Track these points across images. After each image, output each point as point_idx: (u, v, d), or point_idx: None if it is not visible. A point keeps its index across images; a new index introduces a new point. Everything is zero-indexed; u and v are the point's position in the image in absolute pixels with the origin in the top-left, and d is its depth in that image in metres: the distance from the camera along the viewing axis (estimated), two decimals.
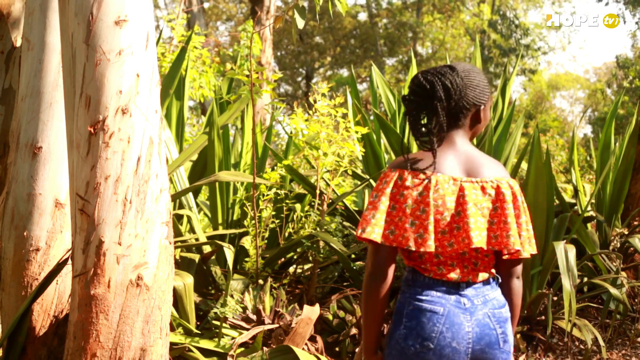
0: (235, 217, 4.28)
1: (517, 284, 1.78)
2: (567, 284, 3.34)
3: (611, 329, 3.80)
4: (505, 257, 1.73)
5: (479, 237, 1.67)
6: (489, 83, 1.80)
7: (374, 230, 1.66)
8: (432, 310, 1.68)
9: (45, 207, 2.53)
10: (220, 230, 4.06)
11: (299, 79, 24.30)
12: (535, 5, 23.44)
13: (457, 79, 1.71)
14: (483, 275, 1.73)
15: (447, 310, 1.68)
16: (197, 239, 3.80)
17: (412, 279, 1.73)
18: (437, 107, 1.69)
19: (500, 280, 1.77)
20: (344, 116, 4.43)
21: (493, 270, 1.76)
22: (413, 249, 1.65)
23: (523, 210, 1.73)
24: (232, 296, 3.41)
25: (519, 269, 1.77)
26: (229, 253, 3.39)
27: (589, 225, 4.59)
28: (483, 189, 1.70)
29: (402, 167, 1.71)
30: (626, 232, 4.39)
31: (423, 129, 1.73)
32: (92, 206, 2.09)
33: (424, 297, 1.69)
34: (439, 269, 1.71)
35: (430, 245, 1.65)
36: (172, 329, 3.10)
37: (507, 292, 1.78)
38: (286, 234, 4.01)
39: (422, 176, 1.68)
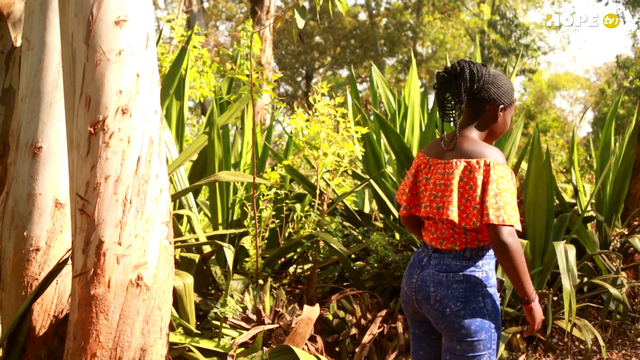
0: (235, 217, 4.27)
1: (497, 250, 1.90)
2: (567, 284, 3.34)
3: (611, 329, 3.80)
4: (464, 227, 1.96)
5: (427, 207, 2.02)
6: (513, 92, 2.08)
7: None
8: (411, 261, 2.12)
9: (45, 207, 2.53)
10: (220, 230, 4.06)
11: (299, 79, 24.29)
12: (535, 5, 23.43)
13: (486, 72, 2.00)
14: (447, 245, 2.00)
15: (411, 262, 2.11)
16: (197, 239, 3.79)
17: None
18: (460, 86, 1.98)
19: (467, 253, 1.99)
20: (344, 116, 4.43)
21: (468, 246, 1.98)
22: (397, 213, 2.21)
23: (476, 187, 1.89)
24: (232, 296, 3.41)
25: (492, 236, 1.89)
26: (229, 253, 3.39)
27: (589, 225, 4.59)
28: (444, 168, 1.99)
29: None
30: (626, 232, 4.39)
31: (447, 104, 2.04)
32: (92, 206, 2.09)
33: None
34: (425, 233, 2.12)
35: (401, 208, 2.16)
36: (172, 329, 3.10)
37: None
38: (286, 234, 4.01)
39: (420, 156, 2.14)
